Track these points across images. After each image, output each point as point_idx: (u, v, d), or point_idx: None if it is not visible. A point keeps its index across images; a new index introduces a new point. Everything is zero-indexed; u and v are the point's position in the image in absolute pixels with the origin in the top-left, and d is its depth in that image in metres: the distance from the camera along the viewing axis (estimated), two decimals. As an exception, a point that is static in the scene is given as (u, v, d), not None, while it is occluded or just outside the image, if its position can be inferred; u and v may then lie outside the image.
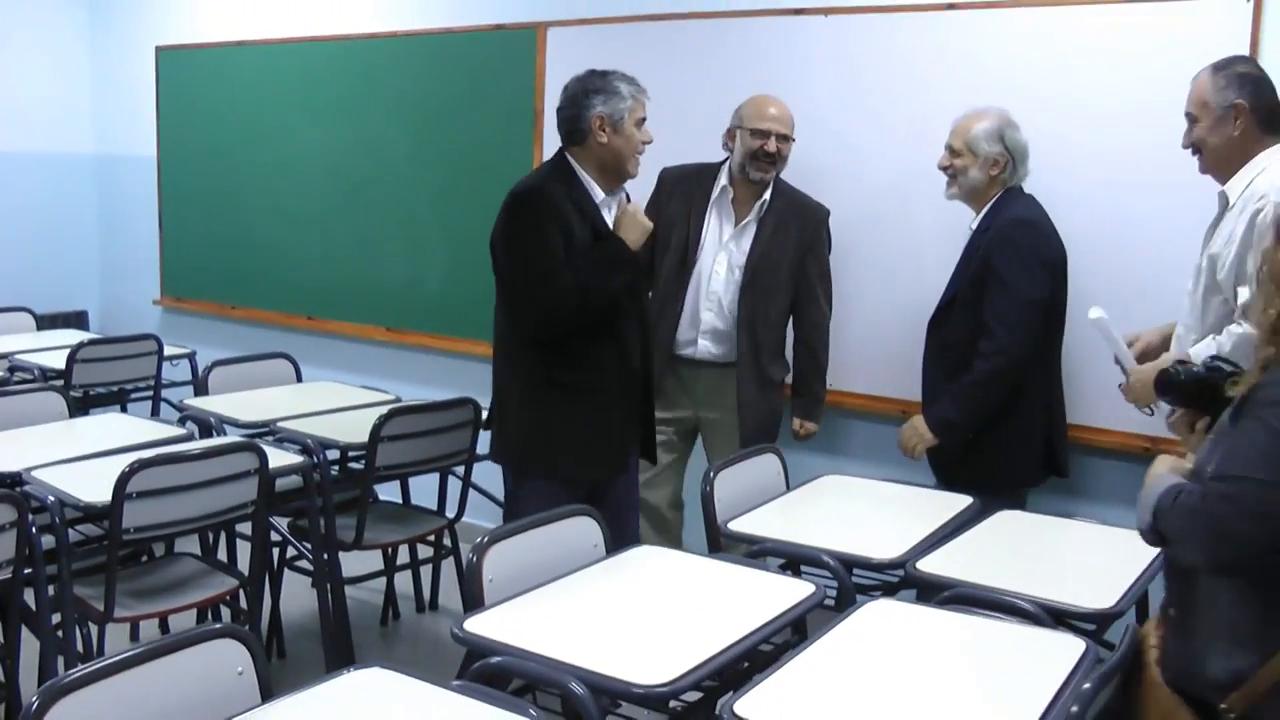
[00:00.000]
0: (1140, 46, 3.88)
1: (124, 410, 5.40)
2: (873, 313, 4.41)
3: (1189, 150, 3.27)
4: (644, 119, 3.58)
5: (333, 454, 4.21)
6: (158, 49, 6.80)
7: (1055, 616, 2.62)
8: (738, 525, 3.20)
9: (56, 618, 3.41)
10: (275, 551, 4.22)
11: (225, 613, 3.94)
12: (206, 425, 4.32)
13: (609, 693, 2.23)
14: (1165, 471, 2.17)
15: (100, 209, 7.43)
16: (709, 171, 4.22)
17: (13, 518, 3.07)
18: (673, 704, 2.39)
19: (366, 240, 5.89)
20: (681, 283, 4.17)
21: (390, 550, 4.55)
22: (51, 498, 3.31)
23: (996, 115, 3.79)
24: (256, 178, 6.33)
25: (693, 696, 2.41)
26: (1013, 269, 3.65)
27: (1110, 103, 3.92)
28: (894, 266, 4.37)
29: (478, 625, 2.41)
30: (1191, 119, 3.24)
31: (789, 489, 3.62)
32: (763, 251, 4.10)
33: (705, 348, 4.17)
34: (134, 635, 4.09)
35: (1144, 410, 3.44)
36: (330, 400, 4.64)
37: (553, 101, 4.91)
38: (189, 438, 4.06)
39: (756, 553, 3.08)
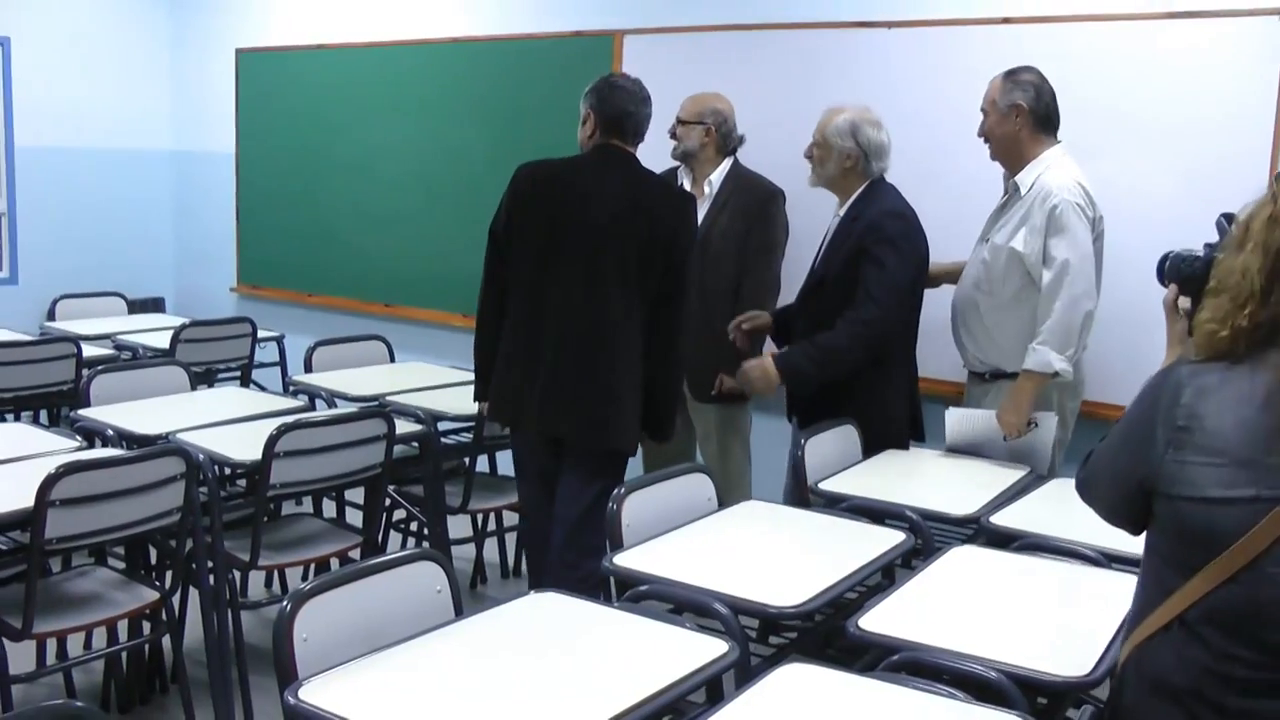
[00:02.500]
0: (1192, 61, 4.17)
1: (210, 386, 5.77)
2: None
3: (982, 139, 4.08)
4: None
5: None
6: (237, 51, 7.22)
7: (1109, 559, 2.98)
8: (826, 485, 3.58)
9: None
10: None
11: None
12: (315, 399, 4.71)
13: (747, 613, 2.60)
14: None
15: (176, 202, 7.85)
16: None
17: (181, 470, 3.45)
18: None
19: (443, 236, 6.26)
20: None
21: (481, 517, 4.92)
22: (202, 456, 3.67)
23: (854, 112, 4.08)
24: (333, 175, 6.71)
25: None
26: (889, 256, 3.93)
27: (1162, 116, 4.21)
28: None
29: (624, 560, 2.80)
30: (984, 114, 4.06)
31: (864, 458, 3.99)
32: (711, 224, 4.54)
33: None
34: (267, 584, 4.46)
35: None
36: (426, 379, 5.01)
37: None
38: (309, 408, 4.44)
39: (845, 508, 3.45)
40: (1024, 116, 3.94)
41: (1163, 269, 2.25)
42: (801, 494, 3.63)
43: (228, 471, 3.88)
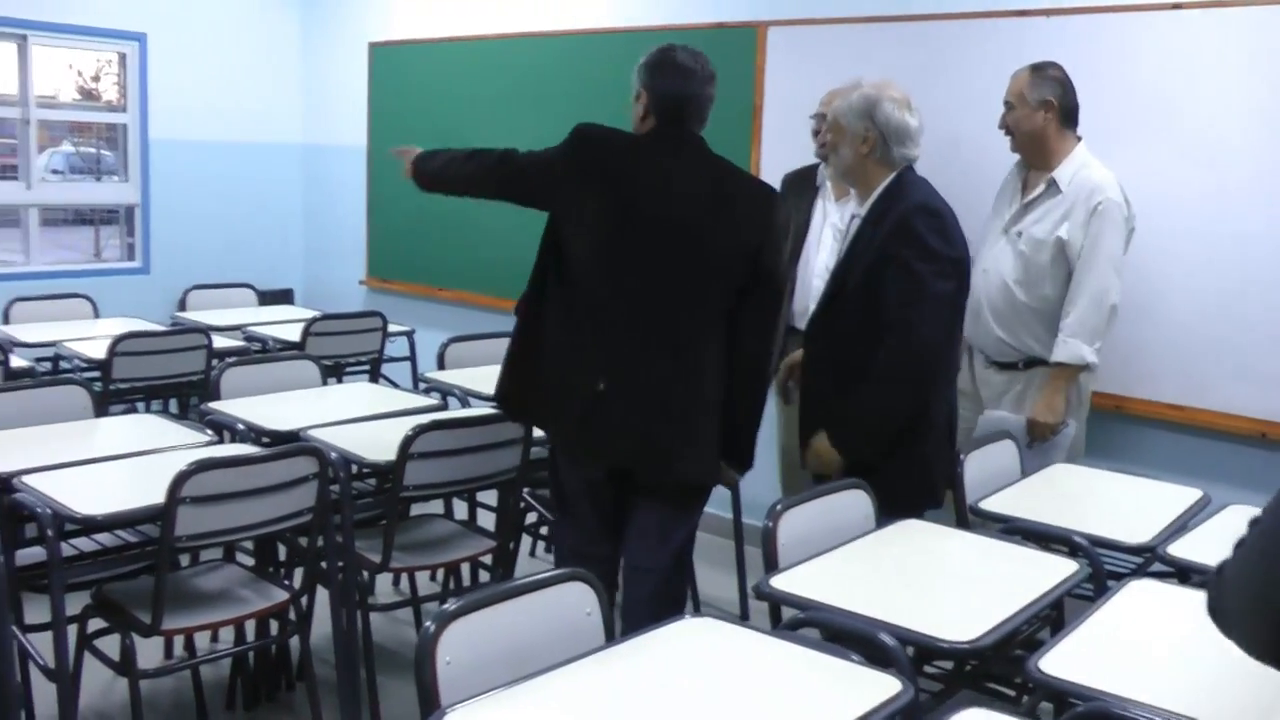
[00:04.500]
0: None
1: (339, 381, 5.72)
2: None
3: (1003, 131, 4.08)
4: None
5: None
6: (371, 45, 7.17)
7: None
8: (987, 505, 3.36)
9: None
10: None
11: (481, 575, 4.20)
12: (447, 397, 4.60)
13: (914, 644, 2.41)
14: None
15: (306, 195, 7.86)
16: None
17: (314, 469, 3.35)
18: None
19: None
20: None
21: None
22: (335, 455, 3.57)
23: (871, 88, 3.50)
24: (468, 168, 6.63)
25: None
26: (921, 261, 3.29)
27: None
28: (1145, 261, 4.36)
29: (781, 583, 2.63)
30: (1009, 106, 4.06)
31: (1023, 476, 3.76)
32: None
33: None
34: (395, 583, 4.39)
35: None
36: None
37: (774, 100, 5.15)
38: (442, 407, 4.33)
39: (1007, 530, 3.24)
40: (1053, 111, 4.02)
41: None
42: (960, 513, 3.42)
43: (356, 470, 3.77)
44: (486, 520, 4.21)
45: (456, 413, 4.06)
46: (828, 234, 4.43)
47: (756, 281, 3.28)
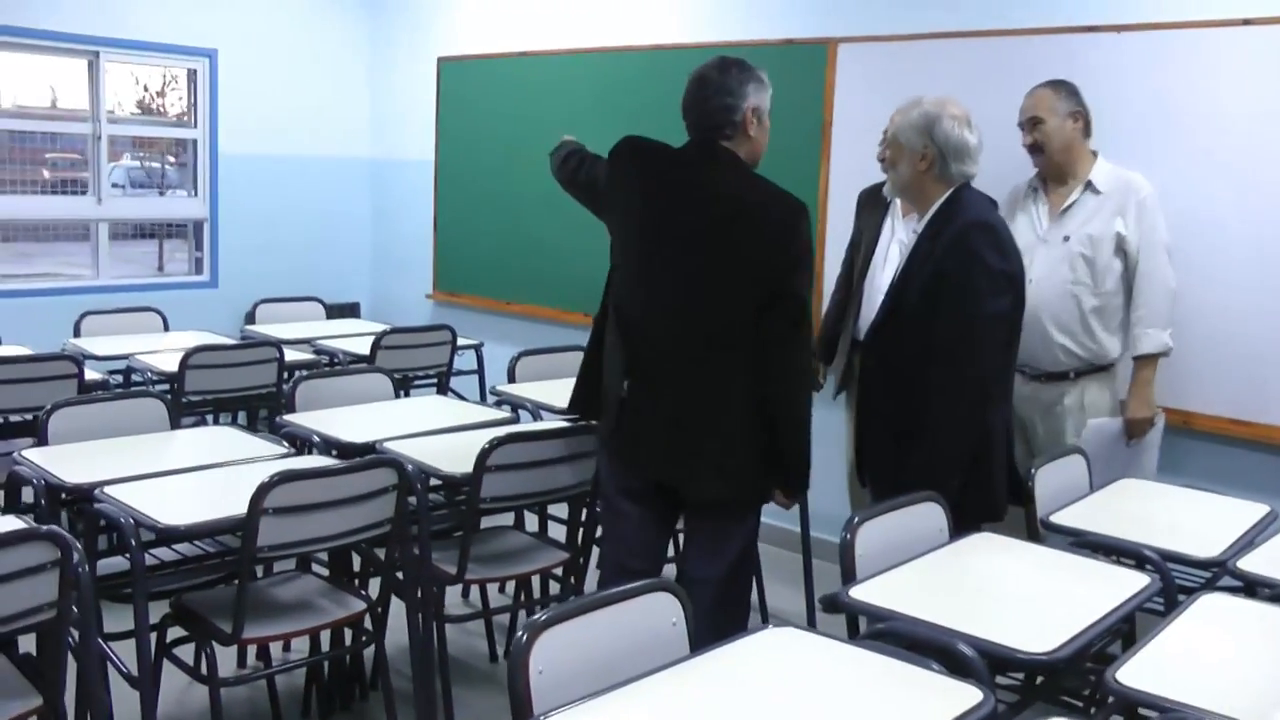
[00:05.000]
0: None
1: (407, 394, 5.79)
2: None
3: (1033, 149, 4.22)
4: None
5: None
6: (439, 60, 7.27)
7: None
8: (1058, 518, 3.38)
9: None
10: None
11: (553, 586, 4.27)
12: (519, 410, 4.64)
13: (993, 656, 2.43)
14: None
15: (373, 209, 7.97)
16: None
17: (394, 481, 3.42)
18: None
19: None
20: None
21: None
22: (410, 466, 3.61)
23: (932, 104, 3.49)
24: (535, 182, 6.62)
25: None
26: (973, 279, 3.31)
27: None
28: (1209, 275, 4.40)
29: (860, 593, 2.66)
30: (1036, 122, 4.20)
31: (1091, 490, 3.77)
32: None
33: None
34: (465, 594, 4.45)
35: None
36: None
37: (844, 118, 5.16)
38: (514, 420, 4.39)
39: (1078, 543, 3.25)
40: (1081, 121, 4.22)
41: None
42: (1032, 527, 3.44)
43: (432, 482, 3.84)
44: (556, 532, 4.27)
45: (531, 426, 4.11)
46: (894, 250, 4.45)
47: (774, 297, 3.21)
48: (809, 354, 3.32)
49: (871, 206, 4.61)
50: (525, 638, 2.11)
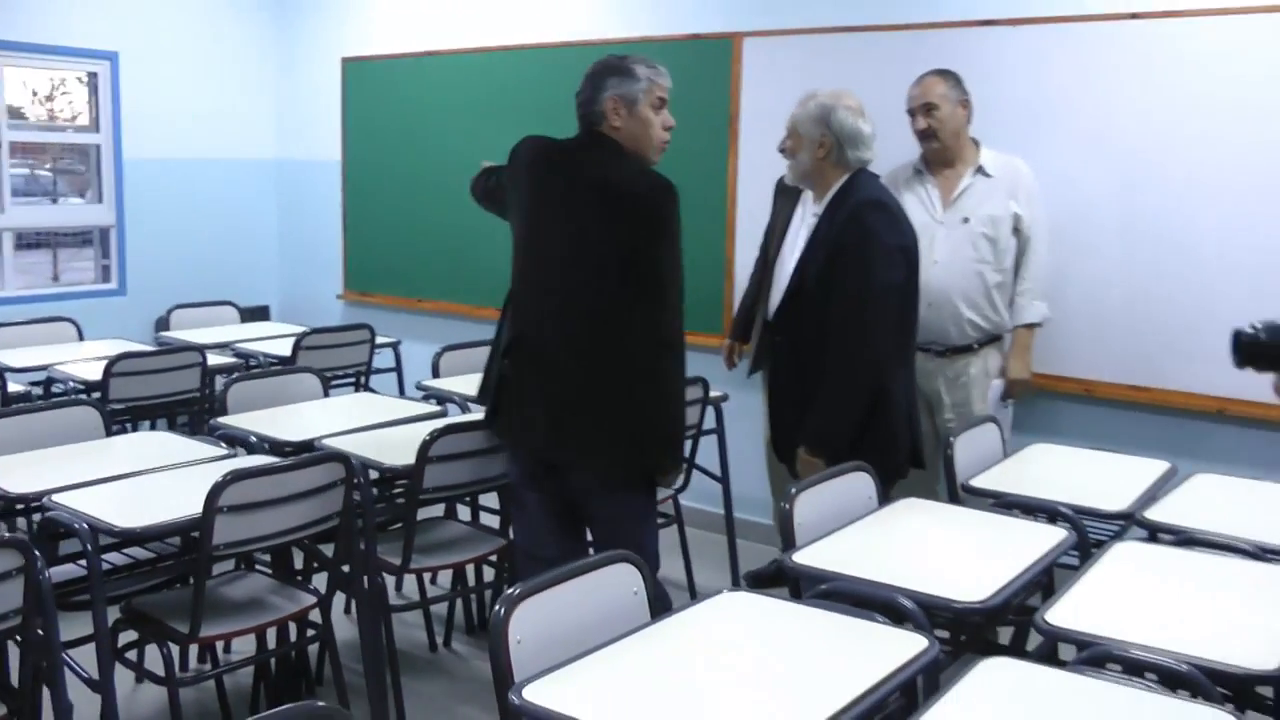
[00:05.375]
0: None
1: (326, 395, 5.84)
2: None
3: (926, 134, 4.44)
4: (663, 101, 3.44)
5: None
6: (344, 60, 7.31)
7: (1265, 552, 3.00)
8: (976, 482, 3.60)
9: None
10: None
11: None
12: (446, 404, 4.76)
13: (932, 608, 2.62)
14: None
15: (280, 211, 7.98)
16: None
17: (341, 475, 3.51)
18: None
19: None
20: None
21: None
22: (355, 461, 3.69)
23: (827, 96, 3.78)
24: (443, 180, 6.75)
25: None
26: (867, 253, 3.56)
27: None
28: (1068, 261, 4.70)
29: (804, 558, 2.84)
30: (929, 109, 4.42)
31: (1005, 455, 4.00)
32: None
33: None
34: (399, 587, 4.56)
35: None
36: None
37: (751, 110, 5.32)
38: (443, 414, 4.49)
39: (998, 504, 3.46)
40: (967, 108, 4.47)
41: (1237, 349, 2.16)
42: (953, 490, 3.64)
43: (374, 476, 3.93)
44: (489, 521, 4.41)
45: (463, 418, 4.22)
46: (803, 234, 4.63)
47: (637, 273, 3.29)
48: (671, 331, 3.32)
49: (786, 195, 4.78)
50: (503, 610, 2.23)
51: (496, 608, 2.24)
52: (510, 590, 2.29)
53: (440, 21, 6.85)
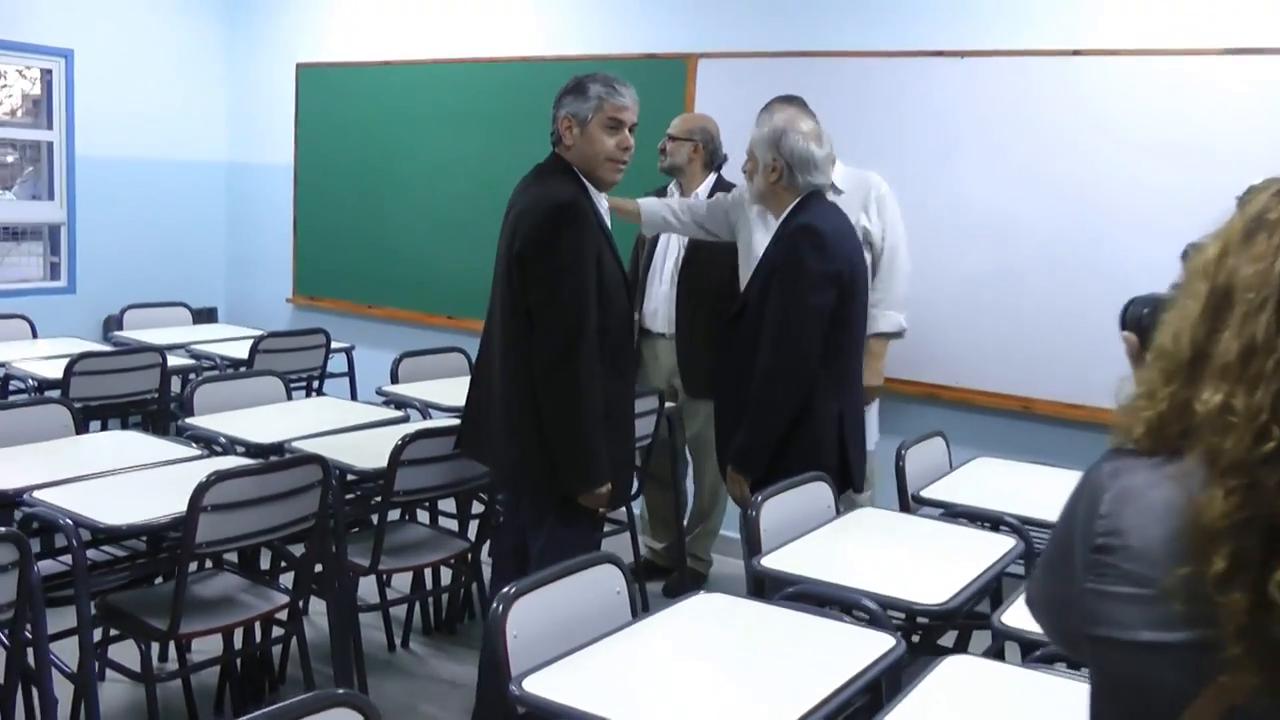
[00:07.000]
0: (1257, 98, 4.39)
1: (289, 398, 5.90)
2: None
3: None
4: (618, 122, 3.39)
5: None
6: (298, 66, 7.37)
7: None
8: (927, 493, 3.80)
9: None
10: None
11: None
12: (408, 409, 4.85)
13: (894, 609, 2.80)
14: None
15: (230, 213, 8.02)
16: None
17: (318, 477, 3.61)
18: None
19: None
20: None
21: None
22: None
23: (781, 120, 3.78)
24: (396, 188, 6.86)
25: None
26: (793, 276, 3.59)
27: (1225, 150, 4.42)
28: (991, 281, 4.97)
29: (770, 562, 3.01)
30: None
31: (952, 468, 4.20)
32: None
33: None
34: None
35: None
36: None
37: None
38: (405, 419, 4.62)
39: (948, 514, 3.66)
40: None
41: (1124, 317, 2.01)
42: (904, 500, 3.83)
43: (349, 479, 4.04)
44: (447, 525, 4.54)
45: (430, 423, 4.34)
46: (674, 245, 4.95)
47: (529, 298, 3.30)
48: (563, 353, 3.26)
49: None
50: (500, 607, 2.38)
51: (495, 605, 2.38)
52: (507, 589, 2.43)
53: (396, 32, 6.94)
